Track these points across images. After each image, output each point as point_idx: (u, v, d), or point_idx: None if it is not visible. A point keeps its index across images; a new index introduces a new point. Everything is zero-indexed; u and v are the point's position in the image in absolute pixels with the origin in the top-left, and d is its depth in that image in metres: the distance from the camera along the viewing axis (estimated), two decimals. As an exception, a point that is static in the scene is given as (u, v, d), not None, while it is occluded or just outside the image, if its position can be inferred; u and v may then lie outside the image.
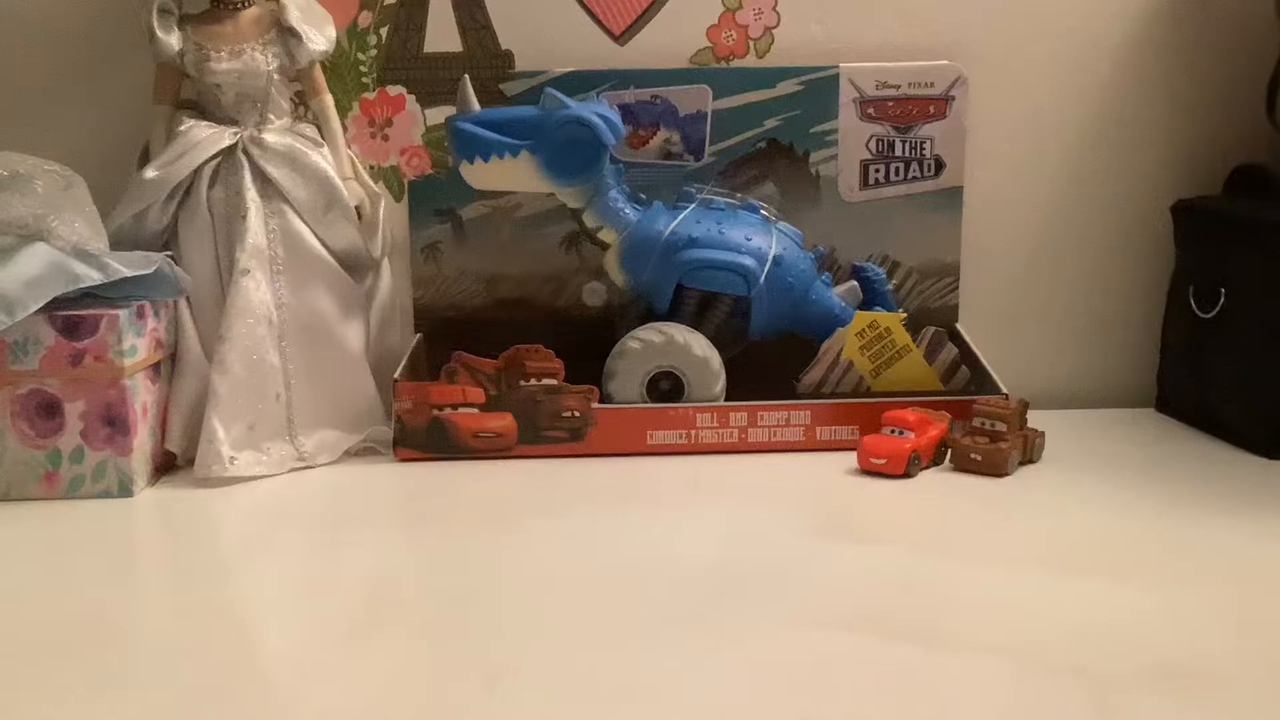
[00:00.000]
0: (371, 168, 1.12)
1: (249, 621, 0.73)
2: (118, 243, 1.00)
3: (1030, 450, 0.99)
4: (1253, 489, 0.93)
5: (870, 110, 1.12)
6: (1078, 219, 1.18)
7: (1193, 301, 1.08)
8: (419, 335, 1.13)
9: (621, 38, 1.13)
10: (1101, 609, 0.71)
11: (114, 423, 0.93)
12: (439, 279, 1.13)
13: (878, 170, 1.13)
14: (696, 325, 1.05)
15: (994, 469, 0.96)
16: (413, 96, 1.12)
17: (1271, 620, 0.70)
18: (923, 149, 1.13)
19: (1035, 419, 1.01)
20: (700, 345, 1.04)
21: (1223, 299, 1.04)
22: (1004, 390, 1.03)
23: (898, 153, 1.12)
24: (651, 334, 1.04)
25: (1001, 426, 0.97)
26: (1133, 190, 1.17)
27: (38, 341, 0.91)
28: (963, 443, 0.98)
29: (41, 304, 0.90)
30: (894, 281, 1.13)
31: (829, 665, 0.64)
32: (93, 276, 0.93)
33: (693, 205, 1.07)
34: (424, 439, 1.02)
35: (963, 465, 0.98)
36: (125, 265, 0.95)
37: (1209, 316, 1.06)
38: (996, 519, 0.88)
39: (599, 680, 0.63)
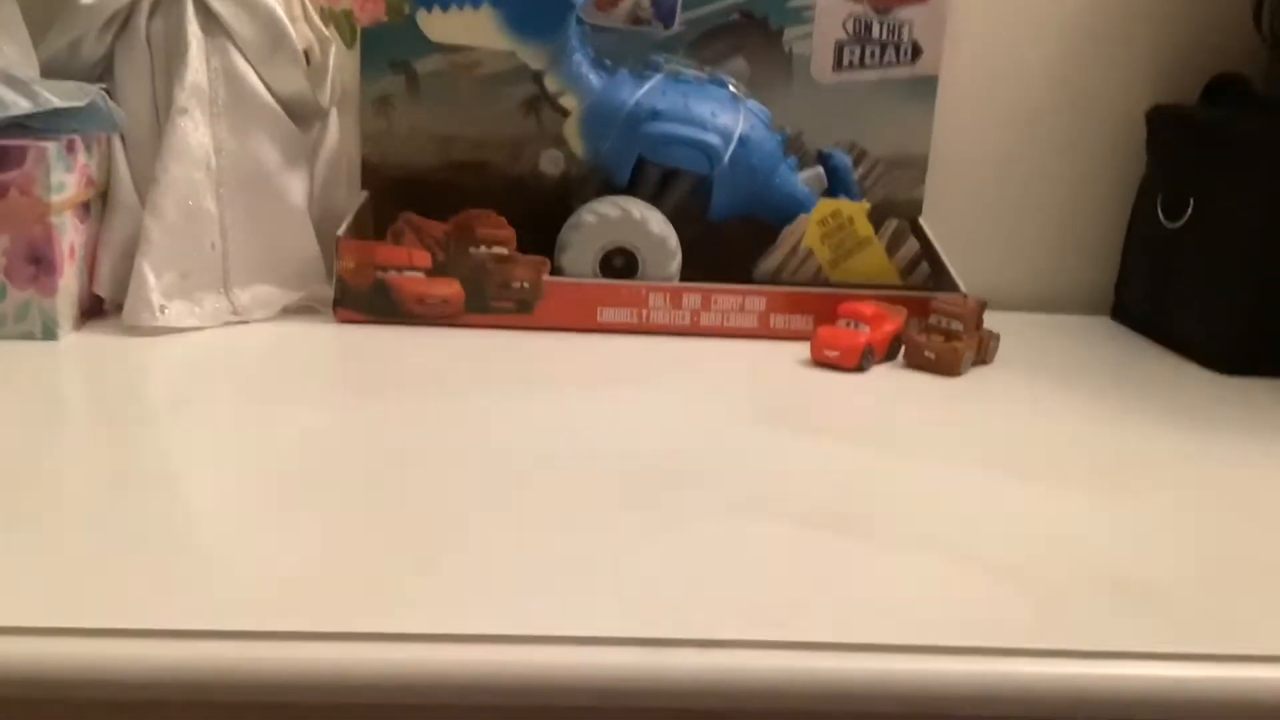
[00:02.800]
0: (322, 10, 1.06)
1: (176, 476, 0.70)
2: (50, 73, 0.94)
3: (984, 351, 0.98)
4: (1205, 403, 0.92)
5: (850, -13, 1.08)
6: (1051, 119, 1.15)
7: (1159, 210, 1.07)
8: (366, 193, 1.08)
9: (596, -110, 1.07)
10: (1046, 514, 0.70)
11: (39, 261, 0.89)
12: (389, 135, 1.08)
13: (852, 52, 1.09)
14: (655, 201, 1.02)
15: (947, 368, 0.95)
16: (371, -63, 1.06)
17: (1212, 533, 0.69)
18: (900, 33, 1.09)
19: (990, 320, 0.99)
20: (658, 222, 1.01)
21: (1190, 209, 1.03)
22: (963, 289, 1.02)
23: (875, 35, 1.08)
24: (608, 208, 1.00)
25: (958, 326, 0.96)
26: (1110, 93, 1.15)
27: (-42, 171, 0.87)
28: (917, 340, 0.96)
29: (-36, 131, 0.85)
30: (860, 170, 1.10)
31: (769, 554, 0.63)
32: (21, 105, 0.88)
33: (659, 76, 1.03)
34: (366, 301, 0.99)
35: (916, 362, 0.96)
36: (57, 95, 0.89)
37: (1175, 227, 1.04)
38: (946, 418, 0.87)
39: (535, 556, 0.61)
